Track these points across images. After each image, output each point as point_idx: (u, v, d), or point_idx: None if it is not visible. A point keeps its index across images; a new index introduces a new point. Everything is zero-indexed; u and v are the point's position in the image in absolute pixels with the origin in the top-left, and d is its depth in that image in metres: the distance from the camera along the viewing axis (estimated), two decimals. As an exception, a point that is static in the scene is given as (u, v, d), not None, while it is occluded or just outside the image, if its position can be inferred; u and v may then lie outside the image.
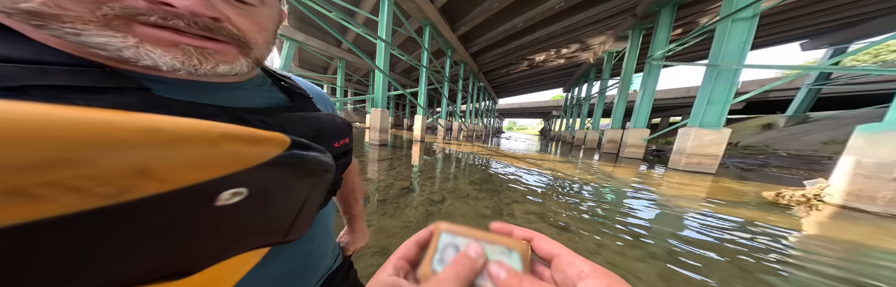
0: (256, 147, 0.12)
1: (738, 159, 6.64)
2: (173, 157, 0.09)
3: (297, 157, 0.14)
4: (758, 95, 11.84)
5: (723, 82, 4.11)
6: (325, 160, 0.17)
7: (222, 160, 0.11)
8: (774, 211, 2.13)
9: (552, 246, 0.14)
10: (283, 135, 0.14)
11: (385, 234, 1.31)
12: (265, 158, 0.12)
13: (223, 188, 0.11)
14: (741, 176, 4.10)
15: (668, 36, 6.07)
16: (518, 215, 1.70)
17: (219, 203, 0.11)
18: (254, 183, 0.12)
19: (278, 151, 0.13)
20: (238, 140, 0.11)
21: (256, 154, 0.12)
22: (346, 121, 0.29)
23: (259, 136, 0.12)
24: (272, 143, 0.13)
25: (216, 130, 0.10)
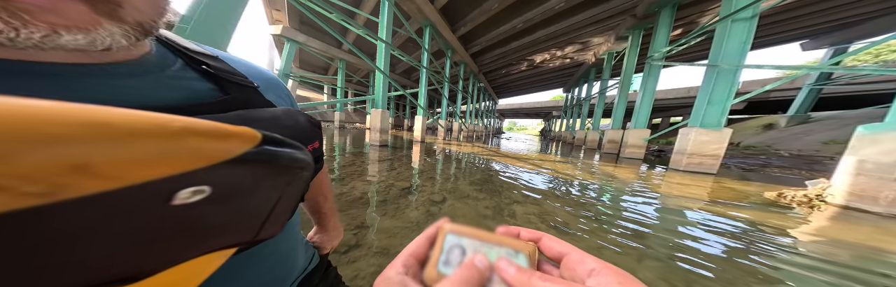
0: (222, 142, 0.11)
1: (740, 159, 6.61)
2: (120, 153, 0.08)
3: (269, 153, 0.13)
4: (758, 95, 11.81)
5: (723, 82, 4.11)
6: (301, 157, 0.15)
7: (181, 156, 0.10)
8: (776, 211, 2.12)
9: (560, 245, 0.14)
10: (253, 130, 0.12)
11: (386, 234, 1.31)
12: (231, 155, 0.11)
13: (181, 186, 0.10)
14: (743, 176, 4.09)
15: (668, 36, 6.08)
16: (519, 216, 1.70)
17: (176, 202, 0.10)
18: (218, 181, 0.11)
19: (247, 147, 0.12)
20: (201, 135, 0.10)
21: (222, 150, 0.11)
22: (313, 119, 0.23)
23: (225, 131, 0.11)
24: (240, 138, 0.12)
25: (175, 124, 0.09)
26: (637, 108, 6.40)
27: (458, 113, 12.13)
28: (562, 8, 7.95)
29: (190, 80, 0.18)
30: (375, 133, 5.59)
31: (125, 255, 0.10)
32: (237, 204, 0.13)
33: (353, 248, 1.15)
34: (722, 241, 1.44)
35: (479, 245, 0.14)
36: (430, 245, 0.14)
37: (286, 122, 0.19)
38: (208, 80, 0.19)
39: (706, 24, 4.57)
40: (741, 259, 1.25)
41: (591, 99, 12.31)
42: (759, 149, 8.51)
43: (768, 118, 11.62)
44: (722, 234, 1.56)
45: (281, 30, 8.85)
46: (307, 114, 0.22)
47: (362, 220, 1.46)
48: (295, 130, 0.20)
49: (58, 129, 0.07)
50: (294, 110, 0.21)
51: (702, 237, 1.49)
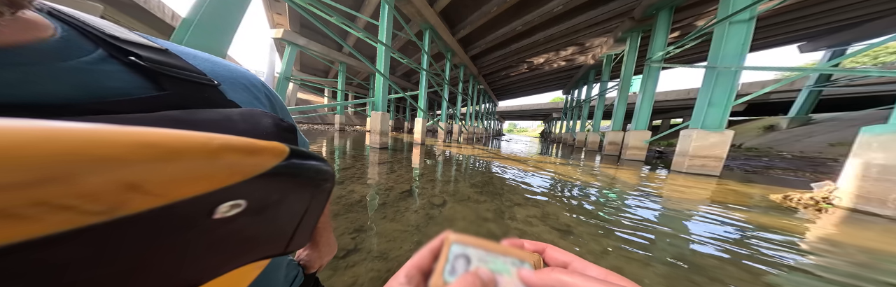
0: (255, 158, 0.12)
1: (742, 161, 6.55)
2: (168, 172, 0.09)
3: (296, 166, 0.13)
4: (758, 97, 11.82)
5: (723, 84, 4.11)
6: (325, 169, 0.16)
7: (220, 172, 0.10)
8: (782, 214, 2.08)
9: (564, 255, 0.14)
10: (281, 144, 0.13)
11: (385, 238, 1.28)
12: (263, 169, 0.12)
13: (221, 201, 0.11)
14: (746, 178, 4.05)
15: (666, 38, 6.12)
16: (520, 218, 1.67)
17: (217, 216, 0.11)
18: (252, 194, 0.12)
19: (277, 161, 0.12)
20: (236, 151, 0.11)
21: (255, 165, 0.12)
22: (283, 122, 0.19)
23: (257, 147, 0.12)
24: (271, 153, 0.12)
25: (215, 143, 0.10)
26: (637, 109, 6.40)
27: (458, 115, 12.16)
28: (560, 11, 8.05)
29: (108, 72, 0.15)
30: (375, 135, 5.58)
31: (175, 266, 0.11)
32: (270, 216, 0.13)
33: (352, 252, 1.12)
34: (728, 246, 1.41)
35: (484, 255, 0.14)
36: (433, 257, 0.14)
37: (241, 126, 0.16)
38: (140, 75, 0.16)
39: (704, 27, 4.60)
40: (749, 263, 1.21)
41: (590, 101, 12.33)
42: (761, 150, 8.47)
43: (769, 120, 11.70)
44: (728, 237, 1.52)
45: (282, 33, 8.95)
46: (277, 116, 0.19)
47: (361, 224, 1.43)
48: (252, 134, 0.16)
49: (112, 151, 0.08)
50: (258, 112, 0.18)
51: (707, 241, 1.45)
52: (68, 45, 0.14)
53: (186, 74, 0.17)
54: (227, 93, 0.19)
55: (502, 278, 0.12)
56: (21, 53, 0.12)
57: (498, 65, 14.86)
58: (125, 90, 0.15)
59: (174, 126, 0.13)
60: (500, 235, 1.44)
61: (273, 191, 0.13)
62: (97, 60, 0.15)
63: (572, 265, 0.13)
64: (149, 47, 0.17)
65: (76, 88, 0.13)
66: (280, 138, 0.18)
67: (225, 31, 2.62)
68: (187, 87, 0.17)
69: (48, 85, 0.12)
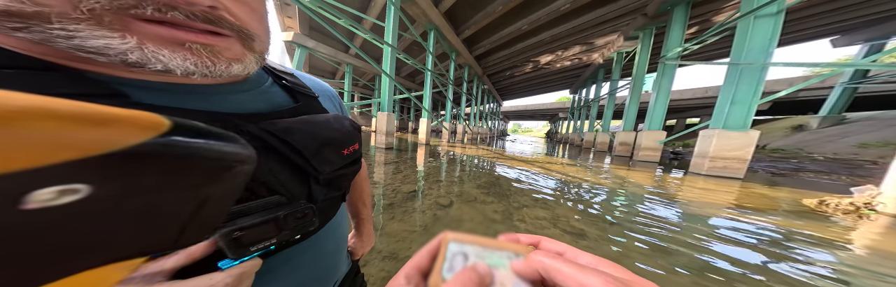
0: (100, 130, 0.09)
1: (768, 163, 6.17)
2: None
3: (179, 145, 0.11)
4: (785, 95, 11.17)
5: (747, 81, 3.86)
6: (234, 151, 0.13)
7: (23, 146, 0.07)
8: (819, 221, 1.90)
9: (557, 246, 0.15)
10: (158, 116, 0.10)
11: (394, 238, 1.27)
12: (118, 146, 0.09)
13: (35, 185, 0.08)
14: (773, 181, 3.78)
15: (683, 35, 5.85)
16: (528, 221, 1.61)
17: (30, 205, 0.08)
18: (100, 178, 0.09)
19: (144, 137, 0.10)
20: (60, 119, 0.08)
21: (101, 140, 0.09)
22: (354, 123, 0.28)
23: (106, 115, 0.09)
24: (134, 125, 0.09)
25: (12, 103, 0.07)
26: (651, 108, 6.14)
27: (463, 115, 12.10)
28: (567, 9, 7.87)
29: (275, 92, 0.24)
30: (381, 136, 5.61)
31: None
32: (137, 205, 0.11)
33: None
34: (758, 255, 1.28)
35: (480, 251, 0.14)
36: (431, 257, 0.15)
37: (335, 125, 0.24)
38: (286, 92, 0.25)
39: (725, 22, 4.34)
40: (784, 274, 1.09)
41: (599, 100, 12.01)
42: (788, 152, 7.91)
43: (797, 119, 10.96)
44: (758, 245, 1.39)
45: (292, 36, 9.22)
46: (350, 119, 0.27)
47: (365, 226, 1.42)
48: (341, 132, 0.25)
49: None
50: (341, 116, 0.27)
51: (735, 249, 1.33)
52: (259, 77, 0.24)
53: (304, 90, 0.27)
54: (323, 102, 0.29)
55: (498, 272, 0.13)
56: (247, 83, 0.22)
57: (502, 65, 14.71)
58: (282, 103, 0.24)
59: (305, 126, 0.22)
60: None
61: (142, 174, 0.10)
62: (270, 85, 0.25)
63: (566, 254, 0.13)
64: (286, 73, 0.28)
65: (265, 103, 0.23)
66: (354, 136, 0.27)
67: None
68: (306, 99, 0.26)
69: (256, 102, 0.22)
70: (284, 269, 0.23)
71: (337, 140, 0.24)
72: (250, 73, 0.20)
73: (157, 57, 0.14)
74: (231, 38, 0.17)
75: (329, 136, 0.23)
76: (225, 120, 0.18)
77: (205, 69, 0.16)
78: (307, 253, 0.25)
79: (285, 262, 0.23)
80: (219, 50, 0.16)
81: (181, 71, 0.15)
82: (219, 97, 0.20)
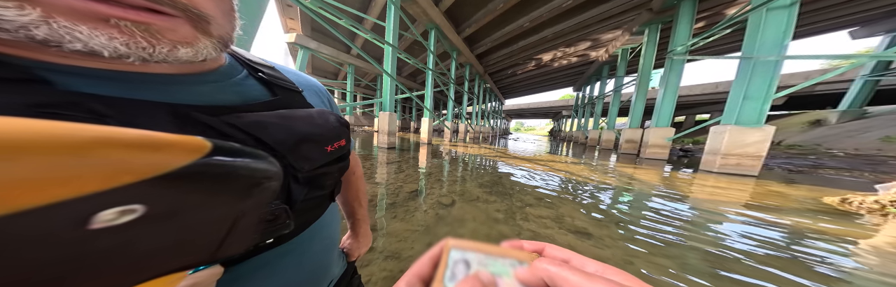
0: (155, 154, 0.10)
1: (784, 160, 5.94)
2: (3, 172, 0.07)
3: (220, 165, 0.12)
4: (801, 89, 10.83)
5: (761, 75, 3.72)
6: (263, 167, 0.14)
7: (93, 173, 0.08)
8: (843, 220, 1.81)
9: (563, 253, 0.14)
10: (201, 139, 0.11)
11: (396, 238, 1.24)
12: (170, 168, 0.10)
13: (101, 207, 0.09)
14: (790, 179, 3.63)
15: (691, 29, 5.69)
16: (532, 220, 1.56)
17: (95, 226, 0.09)
18: (155, 198, 0.10)
19: (191, 159, 0.11)
20: (122, 146, 0.09)
21: (156, 163, 0.10)
22: (342, 119, 0.26)
23: (159, 141, 0.10)
24: (181, 148, 0.10)
25: (84, 134, 0.08)
26: (658, 105, 6.00)
27: (465, 114, 12.03)
28: (570, 5, 7.73)
29: (249, 85, 0.22)
30: (383, 135, 5.61)
31: None
32: (186, 222, 0.11)
33: None
34: (780, 256, 1.21)
35: (483, 258, 0.14)
36: (433, 265, 0.14)
37: (318, 120, 0.23)
38: (263, 86, 0.23)
39: (735, 15, 4.19)
40: (809, 280, 1.02)
41: (604, 97, 11.82)
42: (806, 148, 7.61)
43: (815, 114, 10.38)
44: (778, 246, 1.31)
45: (295, 38, 9.28)
46: (338, 114, 0.26)
47: (372, 224, 1.39)
48: (325, 128, 0.23)
49: None
50: (327, 111, 0.25)
51: (753, 251, 1.26)
52: (231, 69, 0.22)
53: (285, 84, 0.25)
54: (307, 97, 0.27)
55: (502, 280, 0.12)
56: (215, 74, 0.20)
57: (504, 63, 14.59)
58: (258, 96, 0.22)
59: (282, 121, 0.20)
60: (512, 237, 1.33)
61: (188, 193, 0.11)
62: (244, 77, 0.23)
63: (572, 262, 0.13)
64: (265, 66, 0.25)
65: (236, 95, 0.21)
66: (341, 131, 0.25)
67: (245, 33, 2.75)
68: (286, 93, 0.24)
69: (224, 94, 0.20)
70: (258, 274, 0.21)
71: (319, 135, 0.22)
72: (208, 59, 0.17)
73: (73, 34, 0.12)
74: (177, 19, 0.14)
75: (309, 132, 0.21)
76: (183, 113, 0.16)
77: (141, 51, 0.13)
78: (287, 256, 0.23)
79: (260, 267, 0.21)
80: (158, 30, 0.14)
81: (109, 52, 0.13)
82: (180, 88, 0.17)
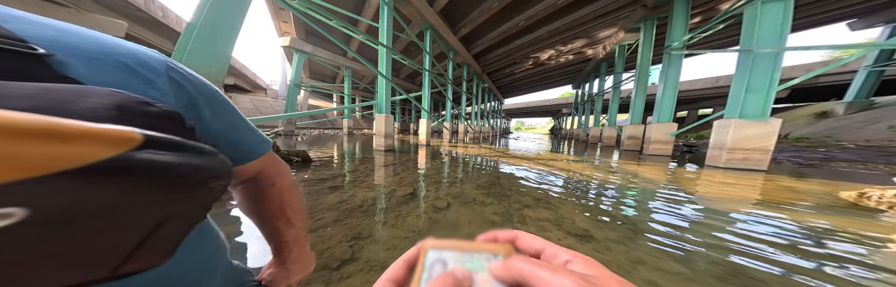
0: (62, 147, 0.08)
1: (792, 153, 5.80)
2: None
3: (148, 161, 0.10)
4: (804, 81, 10.67)
5: (762, 68, 3.64)
6: (206, 164, 0.12)
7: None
8: (863, 216, 1.71)
9: (535, 241, 0.14)
10: (131, 130, 0.09)
11: (385, 246, 1.16)
12: (79, 163, 0.08)
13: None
14: (801, 173, 3.52)
15: (687, 24, 5.63)
16: (530, 222, 1.49)
17: None
18: (46, 199, 0.08)
19: (111, 153, 0.09)
20: (18, 135, 0.07)
21: (60, 157, 0.08)
22: (151, 107, 0.14)
23: (73, 131, 0.08)
24: (102, 140, 0.09)
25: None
26: (659, 100, 5.91)
27: (463, 115, 11.98)
28: (564, 3, 7.70)
29: None
30: (379, 138, 5.54)
31: None
32: (85, 229, 0.09)
33: (348, 262, 1.02)
34: (800, 258, 1.11)
35: (459, 256, 0.14)
36: (408, 267, 0.14)
37: (43, 103, 0.11)
38: None
39: (730, 9, 4.13)
40: (829, 284, 0.93)
41: (603, 94, 11.74)
42: (814, 140, 7.39)
43: (820, 106, 10.17)
44: (797, 246, 1.22)
45: (289, 41, 9.28)
46: (140, 97, 0.14)
47: (360, 231, 1.31)
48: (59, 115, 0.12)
49: None
50: (101, 90, 0.13)
51: (769, 252, 1.16)
52: None
53: None
54: (70, 67, 0.15)
55: (478, 275, 0.12)
56: None
57: (502, 62, 14.57)
58: None
59: None
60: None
61: (99, 193, 0.09)
62: None
63: (545, 251, 0.13)
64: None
65: None
66: (139, 125, 0.13)
67: (227, 33, 2.73)
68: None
69: None
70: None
71: None
72: None
73: None
74: None
75: None
76: None
77: None
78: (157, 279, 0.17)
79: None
80: None
81: None
82: None
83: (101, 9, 6.32)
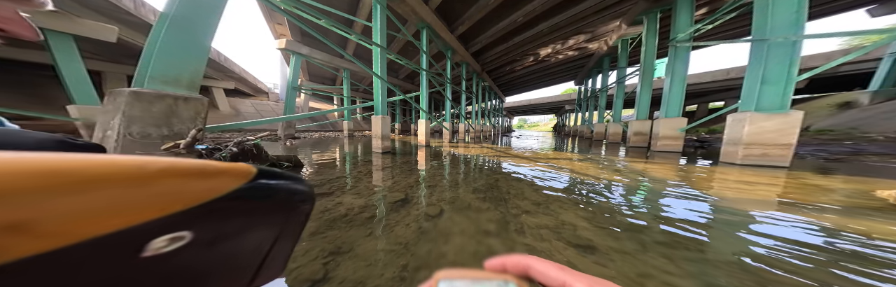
0: (206, 181, 0.10)
1: (816, 147, 5.45)
2: (71, 206, 0.07)
3: (263, 188, 0.12)
4: (824, 71, 10.15)
5: (778, 58, 3.39)
6: (301, 189, 0.15)
7: (152, 202, 0.09)
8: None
9: (552, 271, 0.13)
10: (248, 165, 0.12)
11: (364, 261, 1.02)
12: (218, 193, 0.10)
13: (155, 234, 0.09)
14: (828, 168, 3.26)
15: (692, 16, 5.36)
16: (528, 231, 1.34)
17: (148, 253, 0.09)
18: (202, 224, 0.10)
19: (238, 184, 0.11)
20: (181, 175, 0.09)
21: (206, 189, 0.10)
22: (65, 137, 0.20)
23: (213, 169, 0.10)
24: (230, 174, 0.11)
25: (152, 167, 0.08)
26: (666, 94, 5.66)
27: (463, 114, 11.82)
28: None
29: None
30: (376, 140, 5.44)
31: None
32: (227, 248, 0.12)
33: (319, 283, 0.89)
34: (833, 270, 0.94)
35: (469, 284, 0.14)
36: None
37: (9, 139, 0.17)
38: None
39: None
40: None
41: (607, 89, 11.45)
42: (839, 133, 6.82)
43: (842, 96, 9.52)
44: (837, 262, 1.03)
45: (285, 43, 9.26)
46: (66, 135, 0.19)
47: (340, 245, 1.17)
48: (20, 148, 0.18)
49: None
50: (35, 132, 0.19)
51: (798, 263, 0.99)
52: None
53: None
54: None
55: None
56: None
57: (501, 60, 14.35)
58: None
59: None
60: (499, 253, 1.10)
61: (233, 217, 0.11)
62: None
63: (566, 284, 0.12)
64: None
65: None
66: None
67: (205, 22, 2.51)
68: None
69: None
70: None
71: None
72: None
73: None
74: None
75: None
76: None
77: None
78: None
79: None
80: None
81: None
82: None
83: (92, 14, 6.35)
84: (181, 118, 2.34)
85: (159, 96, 2.20)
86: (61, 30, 5.70)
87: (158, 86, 2.30)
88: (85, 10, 6.10)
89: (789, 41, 3.30)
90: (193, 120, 2.43)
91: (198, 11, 2.46)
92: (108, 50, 8.73)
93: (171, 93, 2.29)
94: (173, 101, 2.27)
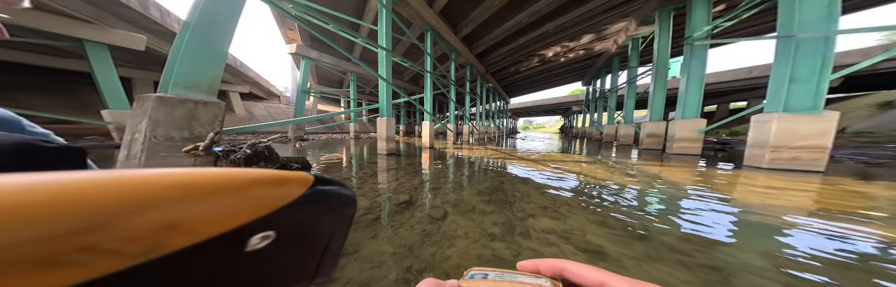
0: (282, 188, 0.12)
1: (853, 150, 5.07)
2: (203, 209, 0.10)
3: (321, 193, 0.15)
4: (862, 68, 9.44)
5: (808, 55, 3.16)
6: (347, 194, 0.17)
7: (249, 206, 0.11)
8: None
9: (588, 272, 0.13)
10: (305, 173, 0.14)
11: (369, 263, 1.01)
12: (290, 199, 0.13)
13: (252, 233, 0.11)
14: (869, 174, 2.98)
15: (709, 12, 5.13)
16: (534, 235, 1.28)
17: (249, 248, 0.11)
18: (280, 225, 0.12)
19: (303, 190, 0.13)
20: (264, 184, 0.12)
21: (282, 195, 0.12)
22: (41, 140, 0.21)
23: (284, 177, 0.13)
24: (297, 182, 0.13)
25: (245, 177, 0.11)
26: (682, 95, 5.40)
27: (468, 116, 11.77)
28: (570, -4, 7.36)
29: None
30: (381, 142, 5.47)
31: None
32: (298, 245, 0.14)
33: (325, 283, 0.89)
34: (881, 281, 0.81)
35: (500, 275, 0.14)
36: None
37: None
38: None
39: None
40: None
41: (617, 90, 11.10)
42: (879, 135, 6.33)
43: (883, 94, 8.83)
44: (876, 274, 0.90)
45: (295, 48, 9.60)
46: (42, 138, 0.21)
47: (345, 246, 1.15)
48: None
49: (152, 194, 0.09)
50: (10, 135, 0.21)
51: (836, 281, 0.87)
52: None
53: None
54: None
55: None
56: None
57: (506, 61, 14.26)
58: None
59: None
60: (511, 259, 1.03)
61: (300, 219, 0.13)
62: None
63: (603, 283, 0.12)
64: None
65: None
66: (55, 157, 0.21)
67: (223, 30, 2.69)
68: None
69: None
70: None
71: None
72: None
73: None
74: None
75: None
76: None
77: None
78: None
79: None
80: None
81: None
82: None
83: (123, 24, 6.81)
84: (201, 121, 2.44)
85: (181, 101, 2.32)
86: (97, 39, 6.16)
87: (181, 91, 2.43)
88: (118, 22, 6.57)
89: (821, 37, 3.07)
90: (212, 123, 2.53)
91: (216, 19, 2.63)
92: (137, 58, 9.36)
93: (192, 97, 2.40)
94: (194, 105, 2.39)
